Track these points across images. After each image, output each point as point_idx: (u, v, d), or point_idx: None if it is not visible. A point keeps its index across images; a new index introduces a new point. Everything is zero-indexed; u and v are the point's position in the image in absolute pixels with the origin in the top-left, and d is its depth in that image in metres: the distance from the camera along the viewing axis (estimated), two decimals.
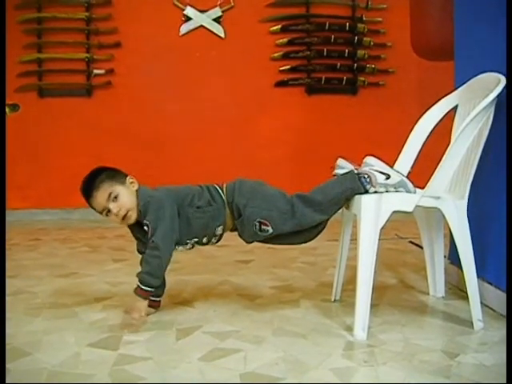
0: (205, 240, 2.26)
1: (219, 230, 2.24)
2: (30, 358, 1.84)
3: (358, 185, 2.08)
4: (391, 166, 2.16)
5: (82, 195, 2.22)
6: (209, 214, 2.19)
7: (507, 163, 2.09)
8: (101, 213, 2.19)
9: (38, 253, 3.76)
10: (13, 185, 5.38)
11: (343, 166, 2.21)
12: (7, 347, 1.91)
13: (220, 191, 2.23)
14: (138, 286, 2.11)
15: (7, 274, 3.01)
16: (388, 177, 2.07)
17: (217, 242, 2.30)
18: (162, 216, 2.12)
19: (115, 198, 2.16)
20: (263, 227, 2.17)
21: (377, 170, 2.09)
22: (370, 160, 2.17)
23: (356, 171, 2.13)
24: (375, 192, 2.06)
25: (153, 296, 2.22)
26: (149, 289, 2.11)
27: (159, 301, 2.35)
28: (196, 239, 2.24)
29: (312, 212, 2.13)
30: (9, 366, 1.76)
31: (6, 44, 3.54)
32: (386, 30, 5.57)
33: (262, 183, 2.27)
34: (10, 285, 2.80)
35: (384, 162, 2.17)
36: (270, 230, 2.17)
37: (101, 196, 2.16)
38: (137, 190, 2.22)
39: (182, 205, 2.18)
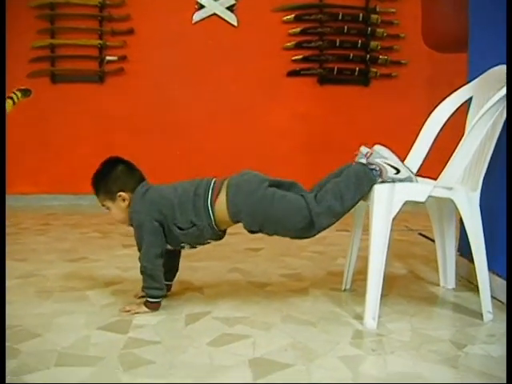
0: (199, 246, 2.27)
1: (210, 241, 2.23)
2: (39, 340, 1.85)
3: (373, 183, 2.07)
4: (402, 160, 2.15)
5: None
6: (192, 234, 2.14)
7: (507, 161, 2.08)
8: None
9: (47, 237, 3.78)
10: (24, 170, 5.42)
11: (385, 156, 2.13)
12: (17, 329, 1.94)
13: (209, 207, 2.10)
14: (147, 300, 2.15)
15: (17, 257, 3.05)
16: (398, 171, 2.07)
17: (217, 241, 2.26)
18: (142, 234, 2.14)
19: (107, 209, 2.25)
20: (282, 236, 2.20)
21: (388, 163, 2.08)
22: (383, 152, 2.13)
23: (367, 161, 2.11)
24: (381, 182, 2.06)
25: (165, 280, 2.23)
26: (155, 300, 2.15)
27: (170, 285, 2.37)
28: (188, 245, 2.25)
29: (331, 220, 2.10)
30: (18, 346, 1.78)
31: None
32: (400, 21, 5.54)
33: (272, 200, 2.07)
34: (20, 268, 2.82)
35: (396, 154, 2.15)
36: (288, 237, 2.22)
37: (99, 201, 2.28)
38: (129, 202, 2.21)
39: (166, 219, 2.13)
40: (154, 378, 1.58)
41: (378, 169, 2.06)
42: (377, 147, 2.15)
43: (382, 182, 2.05)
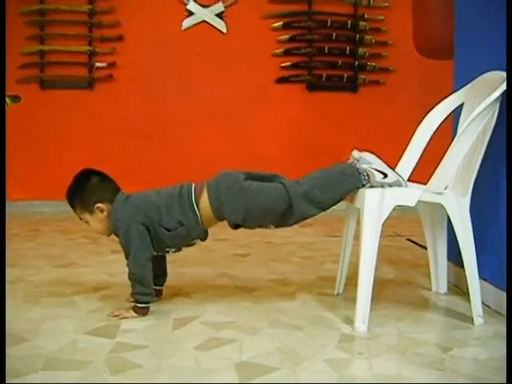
0: (184, 248, 2.29)
1: (196, 241, 2.25)
2: (27, 344, 1.86)
3: (358, 184, 2.10)
4: (388, 165, 2.17)
5: None
6: (179, 235, 2.17)
7: (507, 163, 2.10)
8: None
9: (37, 243, 3.77)
10: (13, 176, 5.39)
11: (370, 162, 2.16)
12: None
13: (194, 204, 2.14)
14: (135, 305, 2.16)
15: (6, 262, 3.03)
16: (385, 176, 2.10)
17: (203, 241, 2.29)
18: (129, 239, 2.14)
19: (86, 222, 2.26)
20: (264, 226, 2.23)
21: (375, 169, 2.11)
22: (368, 157, 2.17)
23: (355, 167, 2.15)
24: (370, 187, 2.08)
25: (155, 285, 2.25)
26: (144, 305, 2.16)
27: (161, 289, 2.40)
28: (174, 249, 2.27)
29: (312, 208, 2.11)
30: (6, 350, 1.78)
31: (6, 39, 3.54)
32: (388, 28, 5.58)
33: (250, 189, 2.12)
34: (10, 273, 2.82)
35: (382, 159, 2.18)
36: (272, 227, 2.23)
37: (76, 215, 2.29)
38: (109, 212, 2.21)
39: (152, 223, 2.15)
40: (141, 382, 1.58)
41: (365, 174, 2.09)
42: (363, 154, 2.18)
43: (371, 186, 2.07)
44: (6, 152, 2.90)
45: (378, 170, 2.10)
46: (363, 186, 2.09)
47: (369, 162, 2.14)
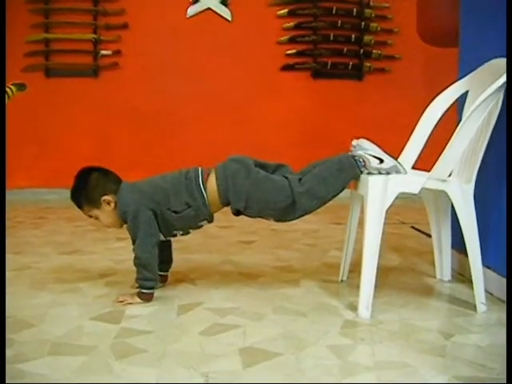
0: (191, 231, 2.29)
1: (203, 223, 2.25)
2: (34, 330, 1.88)
3: (357, 171, 2.12)
4: (385, 151, 2.18)
5: None
6: (187, 216, 2.18)
7: (507, 157, 2.10)
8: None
9: (42, 231, 3.80)
10: (19, 164, 5.42)
11: (366, 148, 2.19)
12: (12, 319, 1.96)
13: (201, 186, 2.16)
14: (140, 291, 2.17)
15: (13, 250, 3.07)
16: (381, 161, 2.11)
17: (209, 223, 2.28)
18: (137, 224, 2.15)
19: (96, 218, 2.27)
20: (265, 218, 2.24)
21: (370, 154, 2.13)
22: (364, 144, 2.19)
23: (352, 155, 2.17)
24: (368, 173, 2.10)
25: (160, 271, 2.27)
26: (149, 291, 2.17)
27: (167, 275, 2.42)
28: (181, 231, 2.27)
29: (314, 204, 2.15)
30: (13, 336, 1.81)
31: (11, 28, 3.56)
32: (393, 15, 5.56)
33: (256, 178, 2.15)
34: (15, 260, 2.84)
35: (377, 145, 2.19)
36: (272, 220, 2.25)
37: (86, 215, 2.29)
38: (115, 202, 2.22)
39: (159, 206, 2.16)
40: (146, 367, 1.60)
41: (361, 160, 2.11)
42: (359, 141, 2.21)
43: (369, 173, 2.09)
44: (5, 143, 2.90)
45: (374, 156, 2.12)
46: (361, 173, 2.11)
47: (364, 148, 2.17)
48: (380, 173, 2.09)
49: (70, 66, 5.53)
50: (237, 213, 2.20)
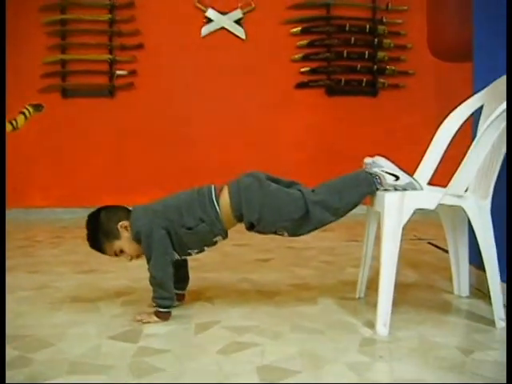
0: (206, 248, 2.28)
1: (218, 239, 2.24)
2: (52, 349, 1.89)
3: (373, 188, 2.13)
4: (400, 167, 2.18)
5: None
6: (201, 232, 2.17)
7: (507, 164, 2.09)
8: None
9: (60, 250, 3.82)
10: (36, 183, 5.49)
11: (382, 165, 2.20)
12: (30, 339, 1.98)
13: (214, 201, 2.17)
14: (157, 309, 2.17)
15: (30, 269, 3.09)
16: (397, 178, 2.11)
17: (224, 239, 2.27)
18: (151, 244, 2.15)
19: (121, 251, 2.25)
20: (279, 233, 2.22)
21: (386, 171, 2.13)
22: (379, 161, 2.20)
23: (368, 171, 2.17)
24: (384, 190, 2.10)
25: (177, 289, 2.28)
26: (166, 310, 2.18)
27: (184, 294, 2.42)
28: (196, 250, 2.27)
29: (328, 216, 2.14)
30: (31, 355, 1.81)
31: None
32: (406, 31, 5.59)
33: (269, 189, 2.16)
34: (33, 280, 2.87)
35: (392, 162, 2.20)
36: (286, 235, 2.23)
37: (110, 254, 2.28)
38: (129, 225, 2.22)
39: (172, 225, 2.16)
40: None
41: (377, 177, 2.11)
42: (375, 158, 2.22)
43: (385, 190, 2.09)
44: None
45: (390, 173, 2.12)
46: (377, 189, 2.12)
47: (380, 165, 2.17)
48: (396, 189, 2.09)
49: (86, 87, 5.60)
50: (250, 227, 2.19)
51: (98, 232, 2.24)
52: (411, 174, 2.19)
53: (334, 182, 2.19)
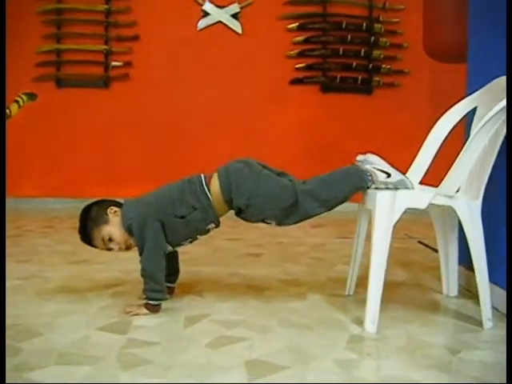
0: (199, 237, 2.28)
1: (211, 226, 2.24)
2: (41, 339, 1.89)
3: (363, 184, 2.14)
4: (392, 165, 2.19)
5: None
6: (194, 220, 2.17)
7: (507, 165, 2.10)
8: (108, 250, 2.28)
9: (50, 240, 3.82)
10: (28, 173, 5.47)
11: (373, 162, 2.21)
12: (19, 328, 1.98)
13: (205, 188, 2.17)
14: (147, 302, 2.17)
15: (20, 258, 3.09)
16: (388, 175, 2.12)
17: (217, 227, 2.27)
18: (144, 235, 2.15)
19: (110, 239, 2.22)
20: (266, 221, 2.23)
21: (378, 169, 2.14)
22: (371, 158, 2.21)
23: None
24: (376, 189, 2.11)
25: (167, 282, 2.28)
26: (156, 302, 2.18)
27: (174, 287, 2.42)
28: (190, 239, 2.27)
29: (316, 207, 2.15)
30: (20, 344, 1.82)
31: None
32: (403, 30, 5.60)
33: (259, 175, 2.17)
34: (23, 269, 2.86)
35: (384, 159, 2.21)
36: (273, 223, 2.23)
37: (99, 243, 2.25)
38: (121, 216, 2.21)
39: (166, 216, 2.16)
40: (152, 378, 1.60)
41: (368, 174, 2.13)
42: (367, 155, 2.23)
43: (376, 188, 2.10)
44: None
45: (381, 170, 2.13)
46: (368, 187, 2.13)
47: (372, 162, 2.19)
48: (387, 187, 2.10)
49: (81, 77, 5.58)
50: (238, 211, 2.19)
51: (88, 220, 2.23)
52: (403, 173, 2.19)
53: (325, 175, 2.20)
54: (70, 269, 2.93)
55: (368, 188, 2.13)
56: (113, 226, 2.21)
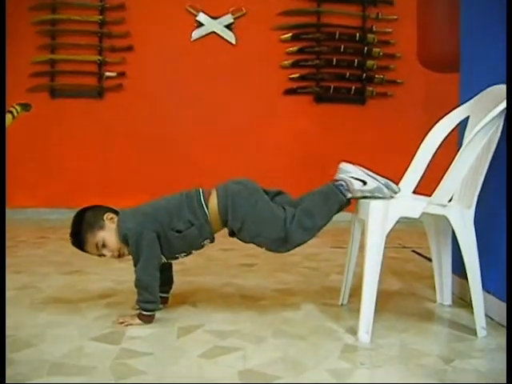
0: (194, 251, 2.28)
1: (206, 242, 2.24)
2: (33, 349, 1.88)
3: (341, 197, 2.16)
4: (370, 171, 2.20)
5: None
6: (190, 236, 2.17)
7: (507, 165, 2.11)
8: (99, 256, 2.25)
9: (44, 250, 3.81)
10: (22, 183, 5.45)
11: (349, 171, 2.22)
12: (11, 339, 1.96)
13: (203, 204, 2.18)
14: (141, 312, 2.16)
15: (14, 269, 3.08)
16: (364, 183, 2.13)
17: (211, 243, 2.28)
18: (140, 247, 2.14)
19: (103, 245, 2.20)
20: (258, 245, 2.26)
21: (353, 177, 2.15)
22: (346, 167, 2.23)
23: (333, 180, 2.21)
24: (352, 197, 2.15)
25: (161, 292, 2.27)
26: (150, 313, 2.17)
27: (167, 297, 2.41)
28: (184, 253, 2.27)
29: (305, 236, 2.18)
30: (13, 356, 1.81)
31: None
32: (396, 40, 5.62)
33: (256, 202, 2.17)
34: (16, 280, 2.85)
35: (362, 166, 2.22)
36: (264, 248, 2.26)
37: (91, 248, 2.22)
38: (117, 225, 2.20)
39: (162, 227, 2.16)
40: None
41: (344, 184, 2.15)
42: (341, 165, 2.24)
43: (353, 197, 2.15)
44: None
45: (357, 178, 2.14)
46: (345, 197, 2.15)
47: (347, 171, 2.20)
48: (364, 196, 2.12)
49: (75, 87, 5.58)
50: (232, 233, 2.21)
51: (82, 223, 2.21)
52: (387, 177, 2.20)
53: (307, 203, 2.20)
54: (64, 279, 2.92)
55: (348, 199, 2.16)
56: (108, 233, 2.20)
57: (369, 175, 2.17)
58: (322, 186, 2.23)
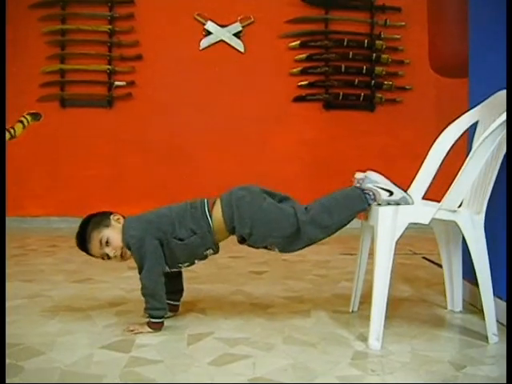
0: (196, 262, 2.28)
1: (209, 252, 2.24)
2: (43, 358, 1.88)
3: (364, 205, 2.13)
4: (393, 182, 2.18)
5: (80, 250, 2.28)
6: (192, 244, 2.17)
7: (507, 166, 2.10)
8: (102, 258, 2.26)
9: (54, 258, 3.82)
10: (33, 192, 5.48)
11: (376, 180, 2.20)
12: (21, 347, 1.97)
13: (207, 213, 2.18)
14: (150, 320, 2.17)
15: (24, 278, 3.09)
16: (391, 193, 2.11)
17: (215, 253, 2.27)
18: (143, 254, 2.14)
19: (107, 242, 2.20)
20: (269, 248, 2.23)
21: (380, 187, 2.14)
22: (372, 176, 2.20)
23: (361, 188, 2.18)
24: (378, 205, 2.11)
25: (171, 300, 2.28)
26: (158, 320, 2.17)
27: (178, 305, 2.41)
28: (187, 263, 2.27)
29: (319, 233, 2.15)
30: (22, 364, 1.81)
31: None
32: (404, 47, 5.62)
33: (262, 204, 2.16)
34: (27, 288, 2.86)
35: (386, 177, 2.20)
36: (277, 250, 2.23)
37: (94, 246, 2.22)
38: (122, 230, 2.21)
39: (165, 236, 2.16)
40: None
41: (371, 193, 2.12)
42: (367, 173, 2.21)
43: (378, 205, 2.09)
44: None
45: (384, 188, 2.12)
46: (369, 206, 2.13)
47: (373, 180, 2.17)
48: (389, 204, 2.09)
49: (85, 97, 5.61)
50: (242, 240, 2.19)
51: (89, 223, 2.23)
52: (404, 189, 2.19)
53: (327, 199, 2.18)
54: (74, 287, 2.93)
55: (369, 206, 2.13)
56: (113, 231, 2.21)
57: (395, 185, 2.16)
58: (345, 188, 2.21)
